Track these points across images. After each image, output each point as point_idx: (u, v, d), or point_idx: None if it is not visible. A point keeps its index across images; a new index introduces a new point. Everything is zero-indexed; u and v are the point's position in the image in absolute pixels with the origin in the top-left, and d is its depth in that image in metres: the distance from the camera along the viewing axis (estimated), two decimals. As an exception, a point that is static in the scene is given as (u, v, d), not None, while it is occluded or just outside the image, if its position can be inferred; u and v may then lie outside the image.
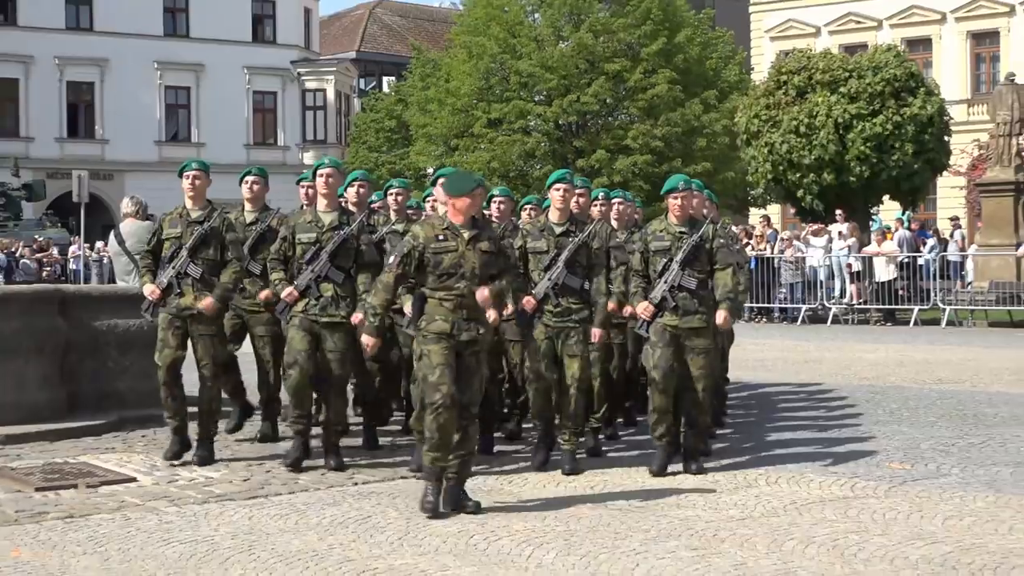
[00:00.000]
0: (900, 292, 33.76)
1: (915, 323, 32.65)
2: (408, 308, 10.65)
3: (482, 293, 10.01)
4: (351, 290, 11.58)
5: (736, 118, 45.98)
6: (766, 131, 42.31)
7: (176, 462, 12.08)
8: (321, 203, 11.93)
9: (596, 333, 11.83)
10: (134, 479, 11.44)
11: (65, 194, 49.60)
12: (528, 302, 11.51)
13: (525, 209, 14.03)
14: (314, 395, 12.37)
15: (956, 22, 61.83)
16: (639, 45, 49.96)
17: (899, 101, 41.50)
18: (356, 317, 11.34)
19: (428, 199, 13.62)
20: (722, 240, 12.00)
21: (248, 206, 13.58)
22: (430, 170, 41.91)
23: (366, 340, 10.38)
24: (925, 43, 61.57)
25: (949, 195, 55.07)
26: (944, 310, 32.66)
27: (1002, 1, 60.63)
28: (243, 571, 8.55)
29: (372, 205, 13.88)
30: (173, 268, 11.78)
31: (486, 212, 12.59)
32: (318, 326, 11.52)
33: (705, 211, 13.55)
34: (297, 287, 11.47)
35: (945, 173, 46.78)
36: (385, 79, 72.02)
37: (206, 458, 12.10)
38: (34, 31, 61.28)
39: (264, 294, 12.59)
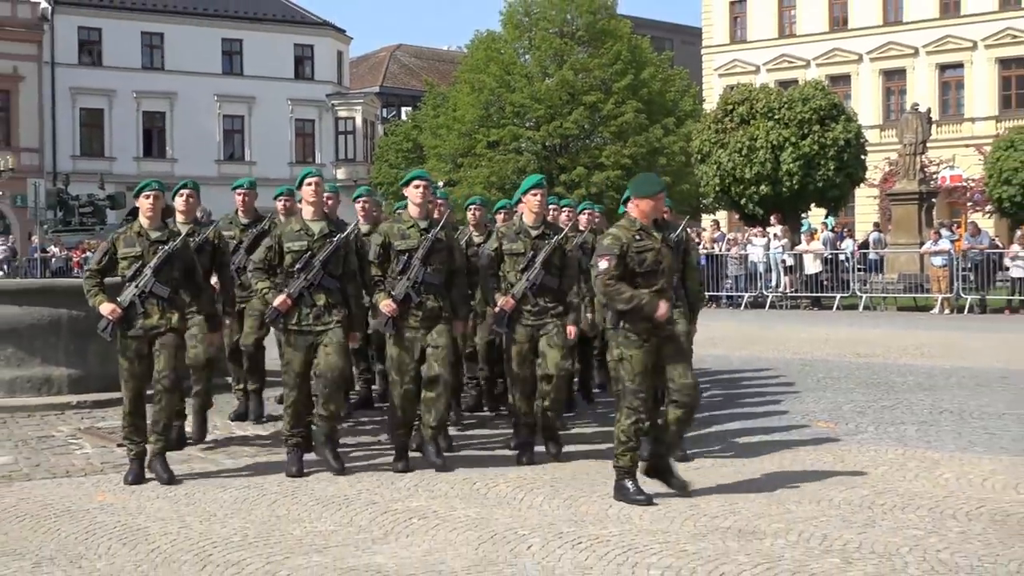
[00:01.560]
0: (824, 282, 33.79)
1: (837, 308, 32.63)
2: (384, 306, 9.85)
3: (663, 308, 8.67)
4: (341, 298, 9.91)
5: (691, 141, 46.14)
6: (715, 151, 42.60)
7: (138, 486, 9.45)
8: (308, 212, 10.11)
9: (571, 330, 10.44)
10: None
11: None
12: (507, 302, 10.32)
13: (500, 213, 13.15)
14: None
15: (871, 61, 61.82)
16: (611, 81, 49.94)
17: (823, 127, 41.68)
18: (353, 338, 10.12)
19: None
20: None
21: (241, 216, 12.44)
22: (440, 183, 41.81)
23: (661, 310, 8.73)
24: (845, 79, 61.50)
25: (865, 203, 55.07)
26: (861, 297, 32.65)
27: (908, 44, 60.64)
28: (287, 511, 8.59)
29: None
30: (136, 287, 9.59)
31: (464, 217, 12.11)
32: (313, 336, 9.81)
33: (665, 215, 12.86)
34: (290, 295, 9.73)
35: (862, 185, 46.92)
36: (403, 109, 71.84)
37: (166, 475, 9.60)
38: (116, 70, 61.10)
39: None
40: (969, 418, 12.93)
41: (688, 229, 10.64)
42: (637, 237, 8.74)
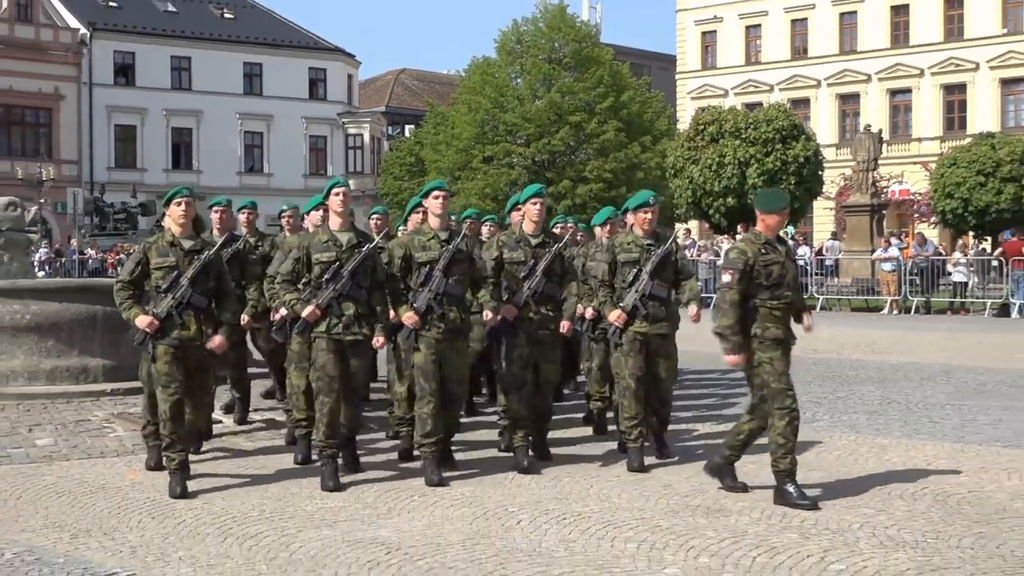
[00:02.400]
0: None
1: (797, 309, 32.63)
2: (406, 319, 8.92)
3: (734, 360, 8.12)
4: (370, 308, 8.91)
5: (666, 157, 46.31)
6: (688, 167, 42.92)
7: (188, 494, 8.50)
8: (335, 222, 9.05)
9: (565, 325, 9.54)
10: (219, 421, 11.39)
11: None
12: (509, 310, 9.34)
13: (486, 225, 12.71)
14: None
15: (828, 87, 61.87)
16: (594, 103, 49.96)
17: (785, 145, 41.95)
18: (378, 340, 9.09)
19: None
20: (683, 252, 10.60)
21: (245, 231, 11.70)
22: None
23: (733, 360, 8.14)
24: (805, 102, 61.55)
25: (823, 214, 55.15)
26: (818, 299, 32.63)
27: (861, 71, 60.66)
28: (300, 489, 8.67)
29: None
30: (172, 298, 8.58)
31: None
32: (342, 345, 8.79)
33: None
34: (319, 306, 8.70)
35: (820, 198, 47.16)
36: (407, 127, 71.74)
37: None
38: (148, 90, 61.01)
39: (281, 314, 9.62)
40: (915, 408, 12.97)
41: (676, 240, 10.35)
42: (763, 251, 8.13)
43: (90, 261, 42.58)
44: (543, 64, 51.42)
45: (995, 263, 31.42)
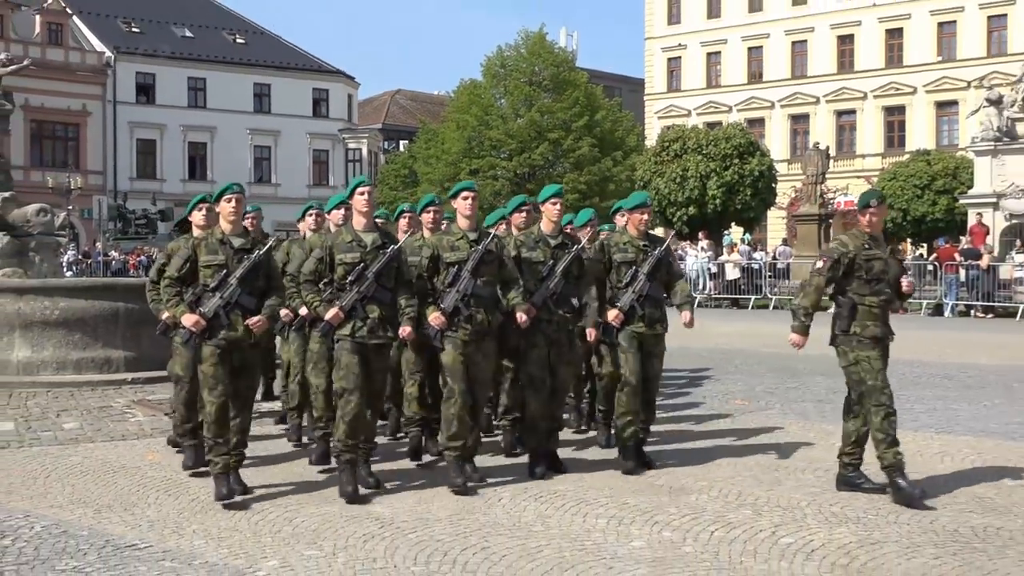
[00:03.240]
0: (742, 286, 33.87)
1: (752, 307, 32.70)
2: (433, 319, 7.89)
3: (798, 341, 7.84)
4: (394, 310, 7.84)
5: (635, 171, 46.42)
6: (654, 179, 43.01)
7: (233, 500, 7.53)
8: (359, 222, 7.96)
9: (590, 332, 8.55)
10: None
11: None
12: (528, 310, 8.23)
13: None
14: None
15: (781, 108, 62.06)
16: (571, 121, 50.18)
17: (742, 160, 42.14)
18: (405, 330, 7.84)
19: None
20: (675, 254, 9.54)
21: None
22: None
23: (795, 339, 7.82)
24: (760, 122, 61.74)
25: (776, 223, 55.27)
26: (771, 299, 32.70)
27: (811, 95, 60.87)
28: (303, 470, 8.68)
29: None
30: (221, 297, 7.52)
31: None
32: (366, 348, 7.74)
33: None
34: (343, 308, 7.65)
35: (773, 208, 47.31)
36: (401, 142, 71.77)
37: (240, 487, 7.69)
38: (166, 108, 60.94)
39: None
40: (857, 398, 12.99)
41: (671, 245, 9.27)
42: (866, 246, 7.55)
43: (113, 262, 42.64)
44: (524, 86, 51.62)
45: (930, 267, 31.50)
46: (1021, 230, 32.59)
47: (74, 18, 59.20)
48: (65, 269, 31.49)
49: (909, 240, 40.27)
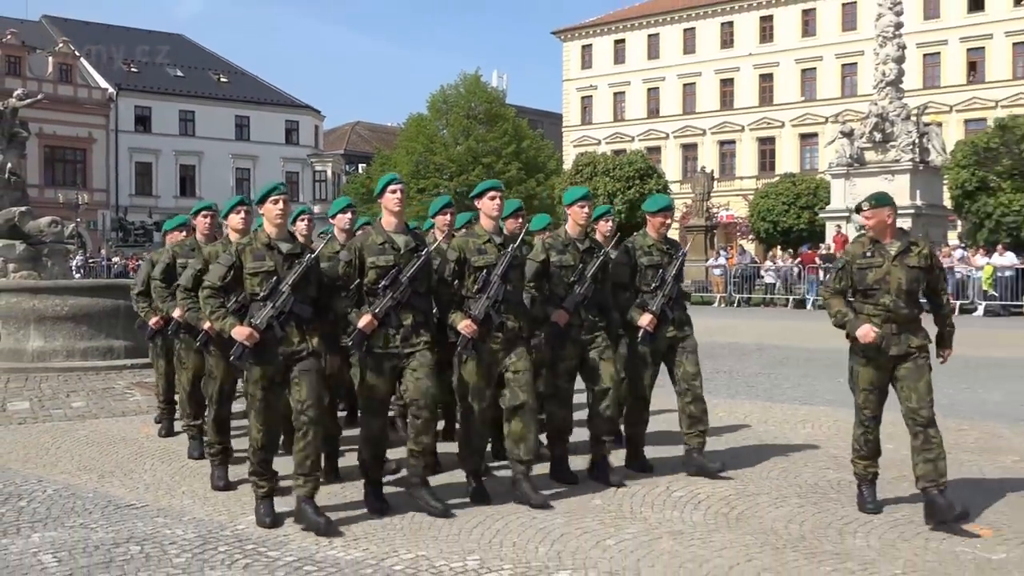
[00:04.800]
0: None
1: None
2: (463, 327, 6.12)
3: (867, 332, 5.86)
4: (428, 316, 6.23)
5: (555, 190, 46.61)
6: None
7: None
8: (390, 222, 6.21)
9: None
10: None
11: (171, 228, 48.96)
12: (561, 316, 6.72)
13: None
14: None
15: (674, 138, 62.56)
16: (501, 148, 50.25)
17: (642, 181, 42.56)
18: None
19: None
20: None
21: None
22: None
23: (862, 333, 5.85)
24: (657, 150, 62.07)
25: (671, 233, 55.11)
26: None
27: (699, 127, 61.47)
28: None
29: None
30: (273, 307, 5.75)
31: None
32: (399, 359, 6.04)
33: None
34: (376, 315, 5.97)
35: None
36: (360, 165, 71.20)
37: (322, 520, 5.74)
38: (161, 136, 60.14)
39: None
40: (736, 376, 13.13)
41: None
42: (867, 253, 5.99)
43: (115, 266, 42.10)
44: (463, 119, 51.63)
45: (795, 269, 32.02)
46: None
47: (81, 60, 58.23)
48: (73, 272, 30.96)
49: (779, 247, 40.76)
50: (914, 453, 5.88)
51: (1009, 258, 26.90)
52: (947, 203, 35.80)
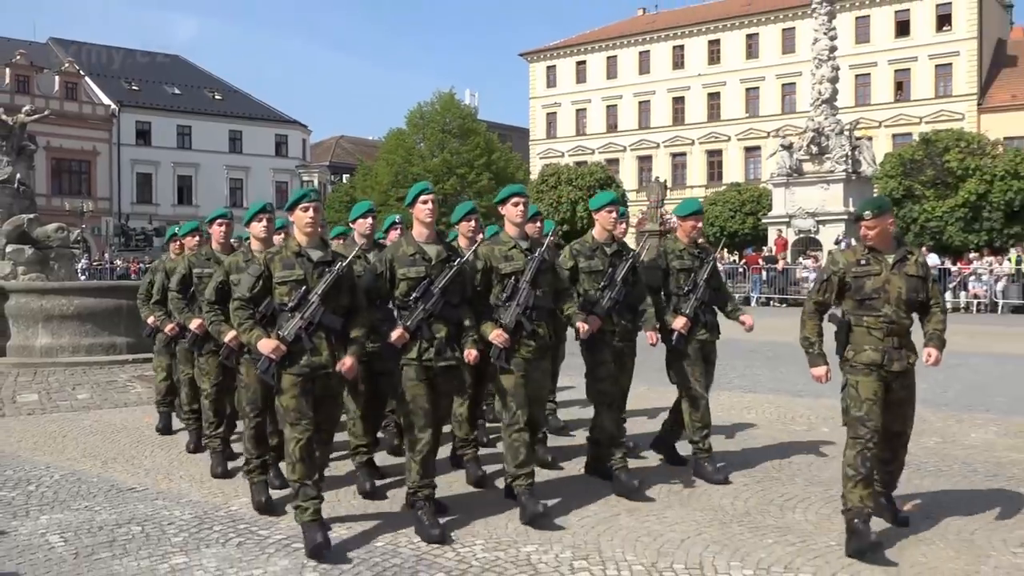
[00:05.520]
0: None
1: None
2: (495, 337, 5.44)
3: (820, 374, 5.25)
4: (461, 328, 5.43)
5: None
6: (537, 204, 42.99)
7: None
8: (421, 233, 5.52)
9: (651, 335, 6.39)
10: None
11: (168, 239, 48.58)
12: (594, 321, 5.97)
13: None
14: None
15: (631, 151, 62.71)
16: (473, 160, 50.10)
17: (602, 190, 42.25)
18: (471, 354, 5.39)
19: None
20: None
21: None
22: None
23: (815, 373, 5.23)
24: (615, 161, 62.10)
25: (628, 238, 55.39)
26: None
27: (653, 141, 61.69)
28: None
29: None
30: (301, 318, 5.04)
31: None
32: (433, 372, 5.34)
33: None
34: (407, 328, 5.28)
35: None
36: (344, 176, 70.92)
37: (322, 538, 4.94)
38: (160, 148, 59.58)
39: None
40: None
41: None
42: (862, 261, 5.13)
43: (118, 269, 41.71)
44: (438, 133, 51.43)
45: (740, 269, 32.22)
46: (808, 242, 33.42)
47: (86, 78, 57.65)
48: (79, 274, 30.58)
49: (725, 249, 41.04)
50: (874, 460, 5.12)
51: (932, 259, 27.24)
52: (877, 210, 36.14)
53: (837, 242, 31.03)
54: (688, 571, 4.69)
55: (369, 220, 6.84)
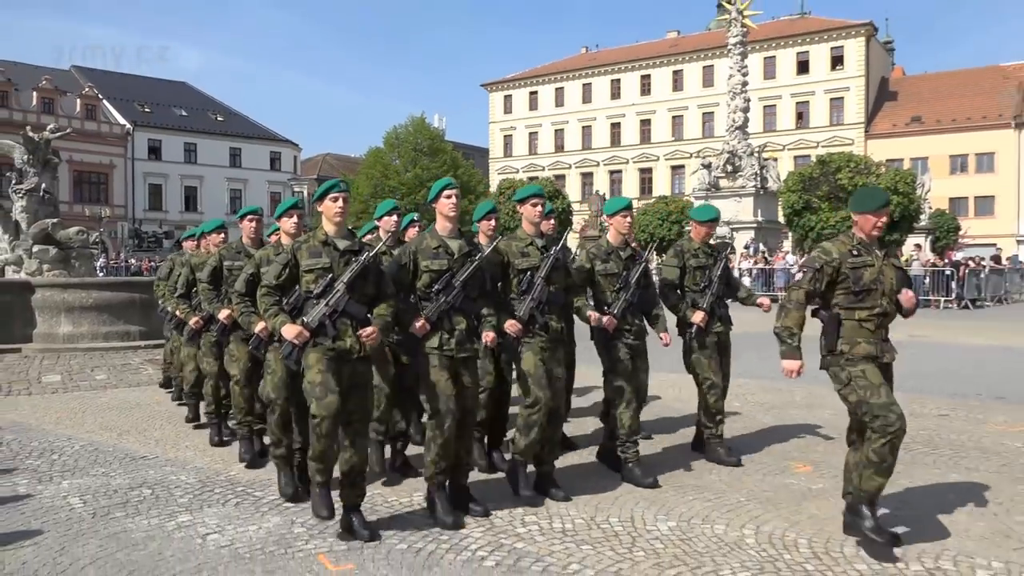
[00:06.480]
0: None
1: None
2: (509, 327, 4.94)
3: (792, 367, 4.43)
4: (478, 321, 4.87)
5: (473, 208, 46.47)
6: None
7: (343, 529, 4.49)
8: (445, 227, 4.94)
9: (665, 336, 5.76)
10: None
11: (186, 237, 47.87)
12: (610, 321, 5.51)
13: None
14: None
15: (575, 168, 62.87)
16: (441, 175, 49.97)
17: (552, 201, 42.39)
18: (488, 336, 4.82)
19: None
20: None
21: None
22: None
23: (787, 365, 4.42)
24: (562, 177, 62.16)
25: (572, 242, 56.00)
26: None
27: (594, 160, 61.94)
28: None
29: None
30: (326, 305, 4.43)
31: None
32: (455, 362, 4.73)
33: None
34: (428, 319, 4.71)
35: (570, 231, 47.84)
36: (330, 188, 70.47)
37: (364, 529, 4.42)
38: (169, 163, 58.46)
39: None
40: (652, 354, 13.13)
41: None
42: (855, 253, 4.38)
43: (132, 267, 41.11)
44: (411, 151, 51.27)
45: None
46: (727, 246, 33.74)
47: (104, 101, 56.53)
48: (97, 272, 30.03)
49: (655, 252, 41.44)
50: (854, 452, 4.45)
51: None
52: (781, 219, 36.69)
53: (747, 247, 31.43)
54: (621, 524, 4.72)
55: (394, 217, 6.06)
